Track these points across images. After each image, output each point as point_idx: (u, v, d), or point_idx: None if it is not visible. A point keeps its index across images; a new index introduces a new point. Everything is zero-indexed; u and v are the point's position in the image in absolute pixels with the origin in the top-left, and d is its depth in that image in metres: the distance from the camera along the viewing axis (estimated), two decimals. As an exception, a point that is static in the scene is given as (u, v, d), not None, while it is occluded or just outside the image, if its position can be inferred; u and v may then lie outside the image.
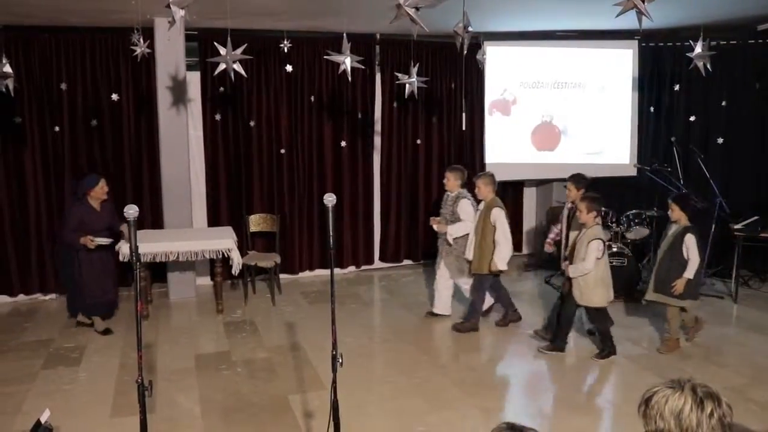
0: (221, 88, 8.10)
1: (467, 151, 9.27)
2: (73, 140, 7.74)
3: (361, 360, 5.89)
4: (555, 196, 9.40)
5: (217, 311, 7.30)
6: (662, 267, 5.86)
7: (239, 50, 4.52)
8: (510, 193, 9.67)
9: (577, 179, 6.37)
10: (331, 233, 3.48)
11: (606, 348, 5.88)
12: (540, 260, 9.25)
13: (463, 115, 6.31)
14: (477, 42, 7.87)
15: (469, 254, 6.55)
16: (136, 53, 5.64)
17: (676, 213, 5.81)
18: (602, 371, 5.69)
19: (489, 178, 6.57)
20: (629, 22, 3.60)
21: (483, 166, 9.17)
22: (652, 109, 9.29)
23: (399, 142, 9.02)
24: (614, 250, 7.53)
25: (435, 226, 6.84)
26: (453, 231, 6.62)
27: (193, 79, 7.97)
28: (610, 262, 7.35)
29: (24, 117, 7.54)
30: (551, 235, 6.98)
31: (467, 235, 6.59)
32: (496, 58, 8.68)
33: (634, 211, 8.04)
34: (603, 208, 5.94)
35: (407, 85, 5.53)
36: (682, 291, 5.73)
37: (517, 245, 9.78)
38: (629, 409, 4.82)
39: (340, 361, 3.48)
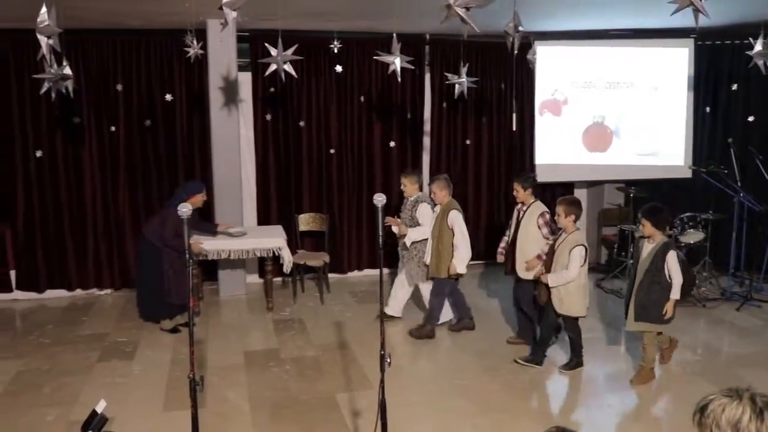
0: (272, 89, 8.19)
1: (517, 152, 9.19)
2: (128, 140, 7.93)
3: (408, 360, 5.89)
4: (607, 198, 9.24)
5: (266, 309, 7.39)
6: (641, 291, 5.21)
7: (290, 51, 4.56)
8: (560, 194, 9.51)
9: (524, 179, 6.04)
10: (380, 233, 3.48)
11: (575, 359, 5.65)
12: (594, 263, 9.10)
13: (513, 115, 6.25)
14: (527, 42, 7.77)
15: (428, 258, 6.45)
16: (189, 54, 5.74)
17: (647, 229, 5.17)
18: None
19: (443, 181, 6.45)
20: (685, 20, 3.52)
21: (533, 167, 9.07)
22: (708, 109, 9.06)
23: (448, 142, 8.98)
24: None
25: (394, 228, 6.73)
26: (411, 235, 6.51)
27: (245, 80, 8.08)
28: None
29: (82, 117, 7.76)
30: (502, 244, 6.42)
31: (427, 240, 6.48)
32: (546, 58, 8.55)
33: (688, 214, 7.85)
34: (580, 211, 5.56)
35: (457, 86, 5.50)
36: (672, 314, 5.18)
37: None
38: (682, 417, 4.72)
39: (389, 360, 3.48)
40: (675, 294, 5.15)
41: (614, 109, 8.95)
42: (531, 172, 6.23)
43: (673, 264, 5.13)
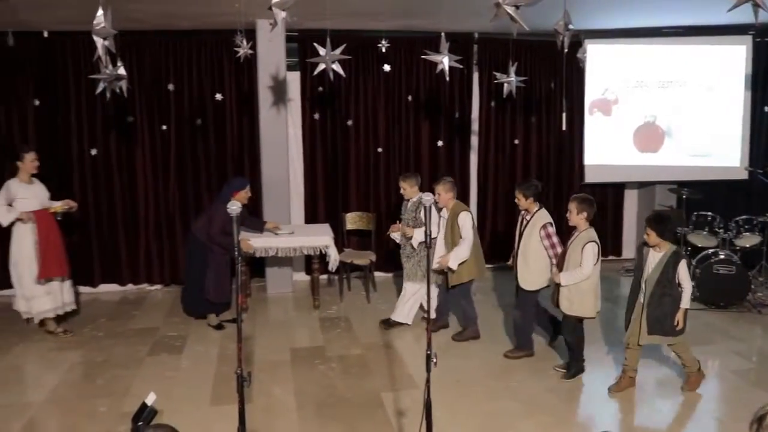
0: (320, 88, 8.25)
1: (566, 152, 9.08)
2: (178, 138, 8.08)
3: (453, 361, 5.86)
4: (658, 200, 9.05)
5: (313, 306, 7.45)
6: (653, 303, 4.95)
7: (338, 50, 4.58)
8: (610, 195, 9.40)
9: (525, 186, 5.78)
10: (428, 232, 3.48)
11: (574, 366, 5.50)
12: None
13: (563, 114, 6.17)
14: (578, 40, 7.68)
15: (438, 265, 6.32)
16: (239, 54, 5.82)
17: (653, 238, 4.91)
18: (707, 386, 5.42)
19: (449, 184, 6.31)
20: (743, 16, 3.43)
21: (582, 167, 8.97)
22: (766, 108, 8.80)
23: (496, 142, 8.91)
24: (721, 257, 7.19)
25: (395, 236, 6.69)
26: (418, 237, 6.39)
27: (293, 79, 8.15)
28: (717, 270, 7.09)
29: (135, 116, 7.94)
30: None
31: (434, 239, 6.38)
32: (597, 57, 8.44)
33: (744, 216, 7.63)
34: (594, 210, 5.32)
35: (505, 85, 5.46)
36: (683, 324, 4.95)
37: (617, 249, 9.52)
38: (738, 427, 4.61)
39: (435, 360, 3.47)
40: (685, 303, 4.94)
41: (666, 108, 8.76)
42: (534, 179, 6.05)
43: (684, 273, 4.91)
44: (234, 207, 3.18)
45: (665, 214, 5.10)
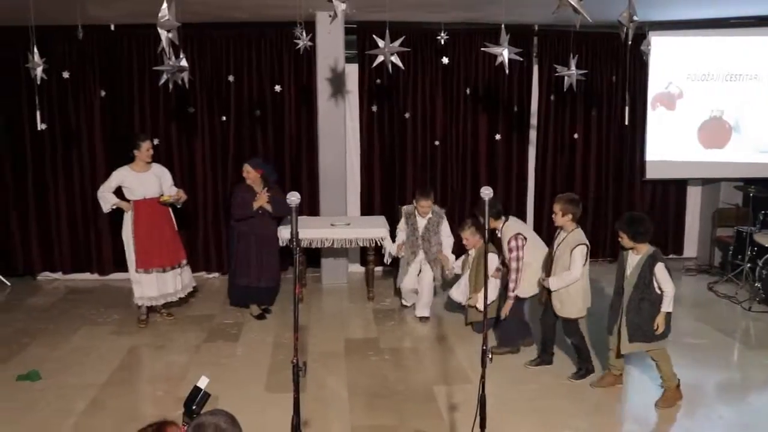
0: (378, 80, 8.25)
1: (627, 147, 8.86)
2: (238, 129, 8.19)
3: (508, 357, 5.81)
4: (723, 197, 8.76)
5: (367, 298, 7.48)
6: (631, 309, 4.75)
7: (397, 42, 4.57)
8: (672, 192, 9.15)
9: (491, 213, 5.49)
10: (487, 227, 3.44)
11: (584, 366, 5.34)
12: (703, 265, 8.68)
13: (626, 108, 6.01)
14: (641, 32, 7.47)
15: (464, 297, 6.32)
16: (298, 46, 5.86)
17: (626, 241, 4.75)
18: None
19: (474, 227, 6.21)
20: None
21: (643, 163, 8.75)
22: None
23: (555, 136, 8.76)
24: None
25: (392, 250, 6.99)
26: (452, 259, 6.72)
27: (352, 71, 8.17)
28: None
29: (196, 107, 8.09)
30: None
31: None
32: (661, 49, 8.18)
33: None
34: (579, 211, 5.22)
35: (566, 78, 5.36)
36: (664, 329, 4.73)
37: (678, 248, 9.28)
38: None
39: (490, 356, 3.44)
40: (666, 306, 4.71)
41: (734, 102, 8.46)
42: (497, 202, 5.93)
43: (662, 276, 4.67)
44: (293, 198, 3.18)
45: (638, 215, 4.92)
